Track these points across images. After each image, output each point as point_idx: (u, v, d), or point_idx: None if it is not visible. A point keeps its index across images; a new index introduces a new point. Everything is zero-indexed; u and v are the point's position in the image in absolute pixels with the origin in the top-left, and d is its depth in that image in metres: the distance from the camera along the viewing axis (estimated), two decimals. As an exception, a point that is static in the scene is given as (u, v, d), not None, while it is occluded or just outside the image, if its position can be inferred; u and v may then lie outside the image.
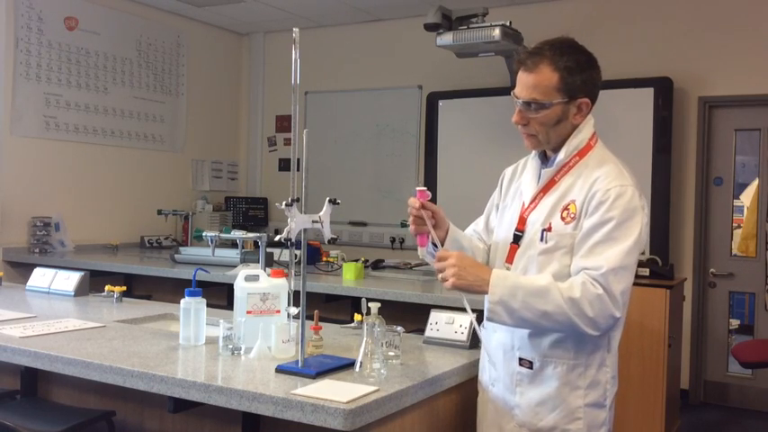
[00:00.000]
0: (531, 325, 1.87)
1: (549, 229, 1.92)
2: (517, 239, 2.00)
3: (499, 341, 2.02)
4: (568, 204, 1.91)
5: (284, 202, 1.92)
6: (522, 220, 2.00)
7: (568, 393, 1.91)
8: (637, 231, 1.83)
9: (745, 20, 5.21)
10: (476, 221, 2.26)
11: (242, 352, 2.12)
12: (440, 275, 1.90)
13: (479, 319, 2.07)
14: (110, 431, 2.33)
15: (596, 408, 1.92)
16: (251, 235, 4.20)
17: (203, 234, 4.40)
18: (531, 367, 1.95)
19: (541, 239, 1.92)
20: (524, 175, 2.09)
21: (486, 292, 1.85)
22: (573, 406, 1.91)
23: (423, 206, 1.96)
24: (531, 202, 2.00)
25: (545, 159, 2.04)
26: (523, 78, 1.93)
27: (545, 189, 1.98)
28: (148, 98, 6.37)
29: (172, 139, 6.62)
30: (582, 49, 1.95)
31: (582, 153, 1.96)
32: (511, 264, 1.99)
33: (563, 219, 1.91)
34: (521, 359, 1.96)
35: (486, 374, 2.10)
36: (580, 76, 1.91)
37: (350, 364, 1.99)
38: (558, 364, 1.91)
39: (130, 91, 6.21)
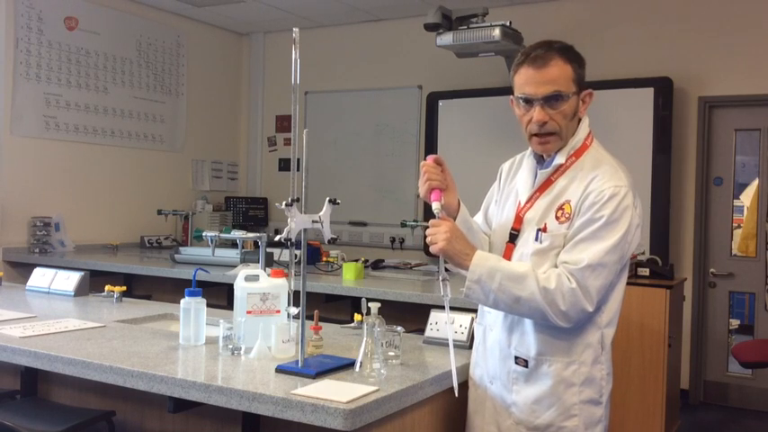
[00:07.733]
0: (505, 308, 1.91)
1: (545, 230, 1.93)
2: (513, 239, 2.01)
3: (495, 339, 2.03)
4: (563, 204, 1.92)
5: (284, 202, 1.93)
6: (519, 220, 2.01)
7: (563, 391, 1.92)
8: (622, 231, 1.85)
9: (746, 20, 5.21)
10: (476, 216, 2.26)
11: (242, 352, 2.12)
12: (429, 238, 1.94)
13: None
14: (110, 431, 2.33)
15: (592, 405, 1.93)
16: (251, 235, 4.20)
17: (203, 234, 4.40)
18: (526, 365, 1.96)
19: (536, 239, 1.94)
20: (520, 174, 2.10)
21: (467, 268, 1.89)
22: (568, 403, 1.91)
23: (438, 162, 2.02)
24: (526, 202, 2.01)
25: (540, 159, 2.03)
26: (537, 76, 1.91)
27: (541, 189, 1.99)
28: (148, 98, 6.37)
29: (172, 139, 6.62)
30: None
31: (578, 153, 1.97)
32: None
33: (557, 219, 1.92)
34: (516, 357, 1.97)
35: (478, 370, 2.10)
36: (583, 69, 1.96)
37: (350, 364, 1.99)
38: (552, 363, 1.92)
39: (130, 91, 6.21)
